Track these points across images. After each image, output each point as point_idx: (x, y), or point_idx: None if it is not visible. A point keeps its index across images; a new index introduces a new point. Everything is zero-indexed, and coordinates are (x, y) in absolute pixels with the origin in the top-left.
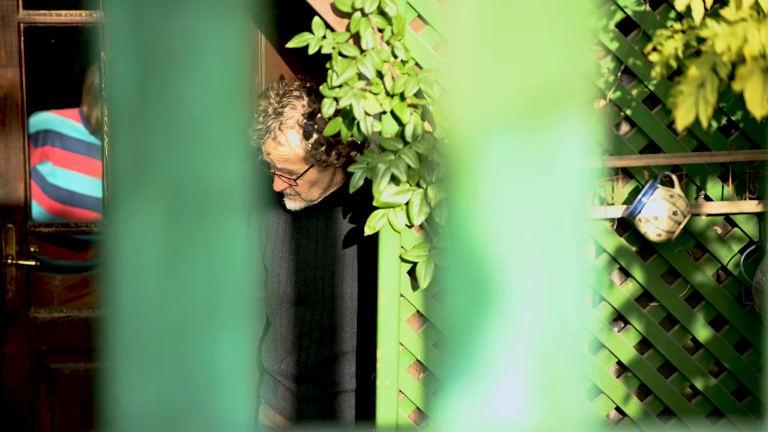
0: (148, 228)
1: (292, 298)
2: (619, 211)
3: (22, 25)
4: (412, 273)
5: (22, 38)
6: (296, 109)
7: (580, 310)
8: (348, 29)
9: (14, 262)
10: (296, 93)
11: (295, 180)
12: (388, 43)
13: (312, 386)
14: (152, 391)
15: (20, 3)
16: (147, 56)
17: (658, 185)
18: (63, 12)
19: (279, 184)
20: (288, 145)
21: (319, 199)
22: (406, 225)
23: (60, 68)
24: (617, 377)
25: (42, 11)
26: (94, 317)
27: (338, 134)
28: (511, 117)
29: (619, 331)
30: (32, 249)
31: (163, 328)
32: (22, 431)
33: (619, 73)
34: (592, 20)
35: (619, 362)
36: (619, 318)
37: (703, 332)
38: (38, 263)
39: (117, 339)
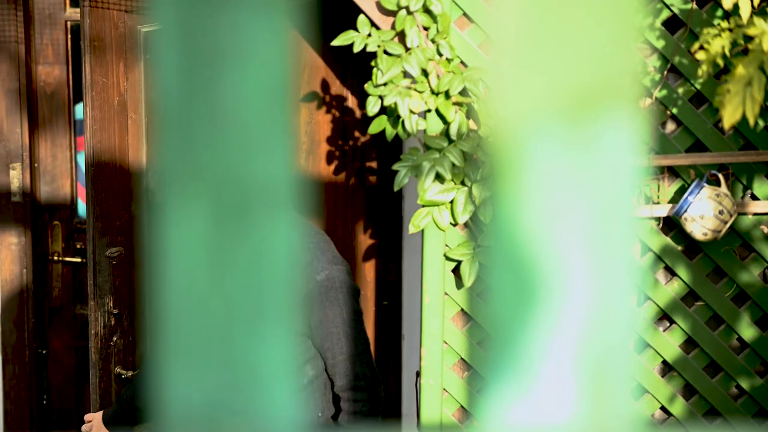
0: (193, 225)
1: None
2: (664, 210)
3: (68, 23)
4: (456, 271)
5: (69, 36)
6: None
7: (626, 309)
8: (393, 27)
9: (60, 258)
10: None
11: None
12: (433, 41)
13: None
14: (197, 388)
15: (67, 1)
16: (193, 54)
17: (704, 184)
18: None
19: None
20: None
21: None
22: (451, 223)
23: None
24: (662, 377)
25: None
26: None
27: None
28: (556, 115)
29: (664, 331)
30: (78, 246)
31: (208, 325)
32: (66, 427)
33: (666, 72)
34: (638, 18)
35: (664, 362)
36: (665, 317)
37: (748, 332)
38: (84, 260)
39: (163, 336)
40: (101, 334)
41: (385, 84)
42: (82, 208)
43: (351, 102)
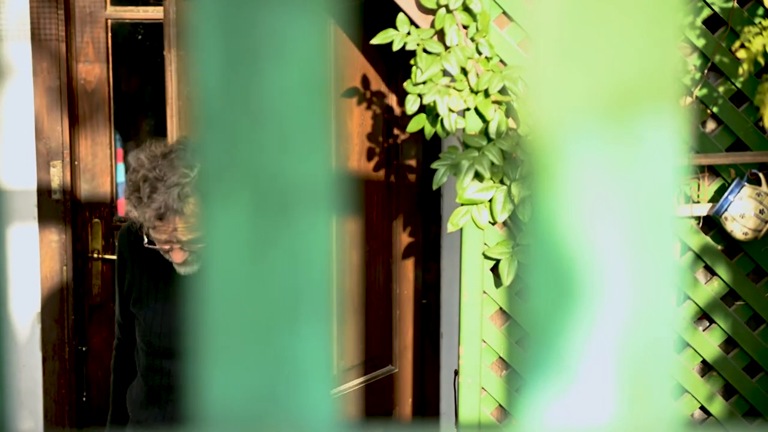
0: (232, 222)
1: (165, 350)
2: (704, 209)
3: (109, 21)
4: (494, 270)
5: (110, 34)
6: (177, 172)
7: (666, 309)
8: (432, 26)
9: (100, 256)
10: (170, 156)
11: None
12: (472, 39)
13: None
14: (237, 385)
15: (107, 0)
16: (233, 50)
17: (745, 183)
18: (150, 8)
19: (180, 255)
20: (193, 213)
21: None
22: (490, 222)
23: (145, 64)
24: (702, 376)
25: (129, 7)
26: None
27: None
28: (596, 114)
29: (703, 330)
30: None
31: (248, 323)
32: (105, 423)
33: (706, 70)
34: (679, 16)
35: (703, 361)
36: (704, 317)
37: None
38: None
39: (203, 333)
40: None
41: (424, 82)
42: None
43: (391, 99)
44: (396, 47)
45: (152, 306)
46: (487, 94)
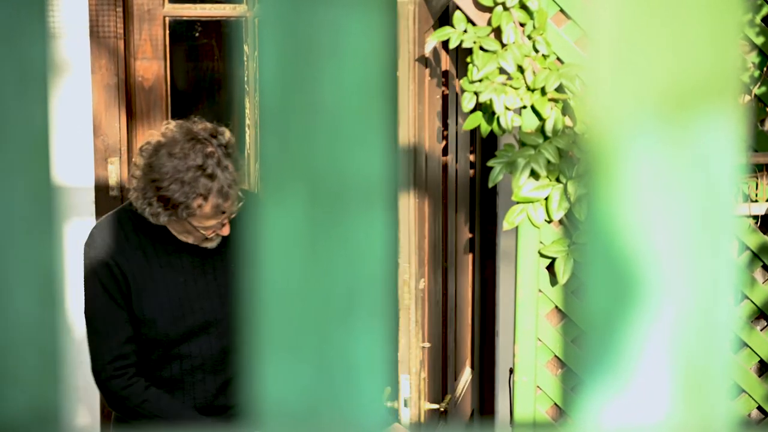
0: (289, 219)
1: (180, 335)
2: (762, 208)
3: (167, 18)
4: (550, 268)
5: (167, 31)
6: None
7: (723, 308)
8: (489, 23)
9: None
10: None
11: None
12: (529, 37)
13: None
14: (291, 382)
15: None
16: (292, 49)
17: None
18: (207, 6)
19: (228, 228)
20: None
21: None
22: (546, 220)
23: (202, 61)
24: (759, 376)
25: (187, 5)
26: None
27: None
28: (654, 112)
29: (761, 330)
30: None
31: (303, 319)
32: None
33: (765, 68)
34: (738, 14)
35: (760, 361)
36: (761, 316)
37: None
38: None
39: (258, 329)
40: None
41: (480, 80)
42: None
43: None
44: (452, 45)
45: (169, 294)
46: (543, 92)
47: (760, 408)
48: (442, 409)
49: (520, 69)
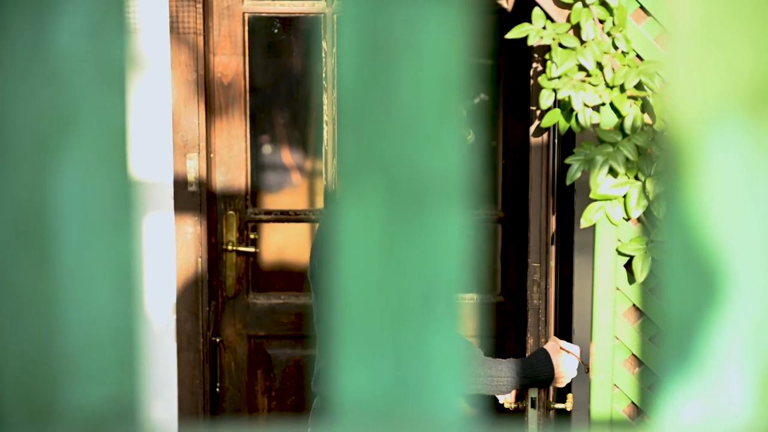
0: (367, 216)
1: None
2: None
3: (246, 15)
4: (628, 266)
5: (246, 28)
6: None
7: None
8: (568, 20)
9: (234, 248)
10: None
11: None
12: (608, 34)
13: None
14: (369, 377)
15: None
16: (370, 45)
17: None
18: (286, 2)
19: None
20: None
21: None
22: (624, 218)
23: (281, 58)
24: None
25: (266, 1)
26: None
27: None
28: (736, 108)
29: None
30: (252, 236)
31: (380, 316)
32: (237, 414)
33: None
34: None
35: None
36: None
37: None
38: (257, 250)
39: (337, 326)
40: None
41: (559, 77)
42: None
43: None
44: (531, 42)
45: None
46: (622, 89)
47: None
48: (568, 409)
49: (599, 66)
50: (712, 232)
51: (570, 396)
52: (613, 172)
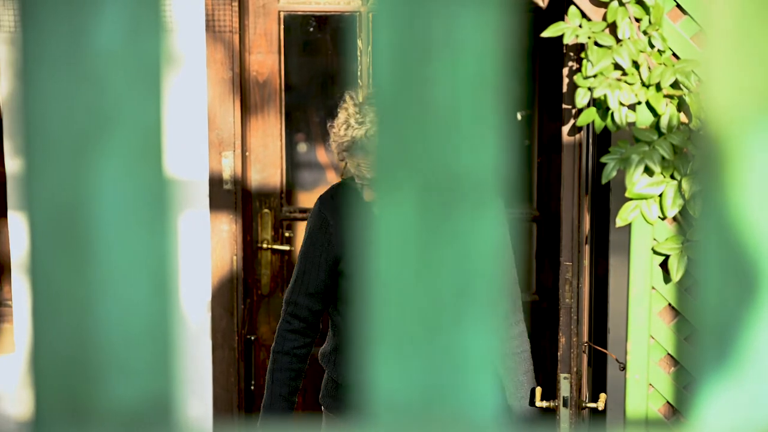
0: (402, 214)
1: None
2: None
3: (281, 13)
4: (663, 266)
5: (282, 26)
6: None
7: None
8: (604, 18)
9: (269, 246)
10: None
11: None
12: (645, 32)
13: None
14: (404, 376)
15: None
16: (406, 44)
17: None
18: (321, 0)
19: (369, 194)
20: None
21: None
22: (659, 217)
23: (316, 56)
24: None
25: (301, 0)
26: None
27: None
28: None
29: None
30: (287, 234)
31: (415, 314)
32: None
33: None
34: None
35: None
36: None
37: None
38: (292, 248)
39: (372, 325)
40: None
41: (594, 76)
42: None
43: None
44: (567, 40)
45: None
46: (658, 87)
47: None
48: (600, 408)
49: (635, 64)
50: (748, 230)
51: (603, 395)
52: (648, 171)
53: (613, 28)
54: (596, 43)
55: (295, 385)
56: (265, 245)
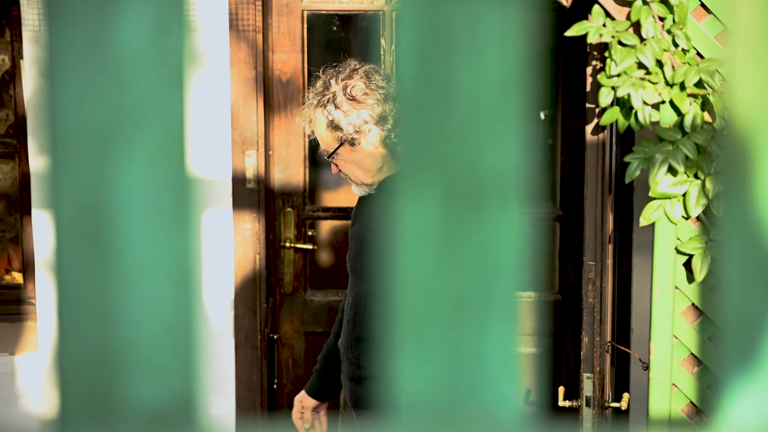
0: (424, 213)
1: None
2: None
3: (305, 12)
4: (687, 265)
5: (305, 26)
6: (330, 89)
7: None
8: (628, 18)
9: (292, 245)
10: (341, 74)
11: (328, 159)
12: (668, 32)
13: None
14: (426, 377)
15: None
16: (429, 42)
17: None
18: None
19: (333, 168)
20: (316, 125)
21: (374, 184)
22: (683, 216)
23: (339, 55)
24: None
25: None
26: None
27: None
28: None
29: None
30: (310, 233)
31: (437, 312)
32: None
33: None
34: None
35: None
36: None
37: None
38: (315, 247)
39: (392, 322)
40: None
41: (618, 75)
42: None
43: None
44: (590, 39)
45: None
46: (682, 87)
47: None
48: (623, 408)
49: (659, 64)
50: None
51: (626, 395)
52: (672, 170)
53: (637, 27)
54: (620, 42)
55: None
56: (287, 244)
